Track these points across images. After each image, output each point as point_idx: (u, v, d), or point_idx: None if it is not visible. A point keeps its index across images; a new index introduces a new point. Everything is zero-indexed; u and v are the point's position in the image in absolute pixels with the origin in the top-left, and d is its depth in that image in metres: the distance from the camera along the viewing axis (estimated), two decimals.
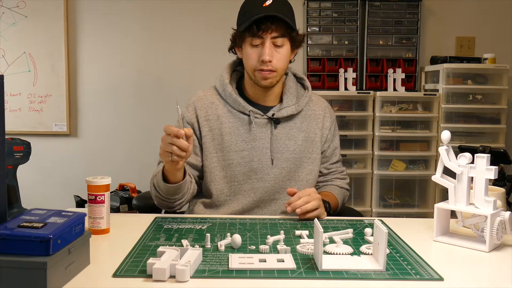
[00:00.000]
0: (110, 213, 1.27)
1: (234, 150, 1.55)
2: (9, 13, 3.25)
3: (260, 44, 1.49)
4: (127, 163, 3.33)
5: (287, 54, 1.53)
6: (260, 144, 1.56)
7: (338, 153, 1.72)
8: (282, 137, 1.58)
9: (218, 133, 1.57)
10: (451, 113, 2.96)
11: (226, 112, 1.58)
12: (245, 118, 1.57)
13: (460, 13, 3.26)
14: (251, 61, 1.52)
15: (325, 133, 1.65)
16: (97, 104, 3.33)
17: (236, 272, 0.98)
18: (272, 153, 1.56)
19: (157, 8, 3.27)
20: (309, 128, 1.62)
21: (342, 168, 1.74)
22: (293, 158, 1.58)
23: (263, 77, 1.51)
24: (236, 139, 1.55)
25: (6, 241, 0.85)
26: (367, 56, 3.18)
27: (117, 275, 0.95)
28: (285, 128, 1.59)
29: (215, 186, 1.56)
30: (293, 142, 1.58)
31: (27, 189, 1.90)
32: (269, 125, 1.57)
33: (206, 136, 1.57)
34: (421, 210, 3.01)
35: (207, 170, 1.57)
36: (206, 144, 1.57)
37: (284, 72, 1.57)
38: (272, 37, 1.48)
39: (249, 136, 1.56)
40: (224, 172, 1.56)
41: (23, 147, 1.31)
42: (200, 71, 3.24)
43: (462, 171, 1.19)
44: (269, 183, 1.56)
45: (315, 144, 1.62)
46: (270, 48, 1.48)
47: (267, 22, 1.46)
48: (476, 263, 1.09)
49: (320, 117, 1.65)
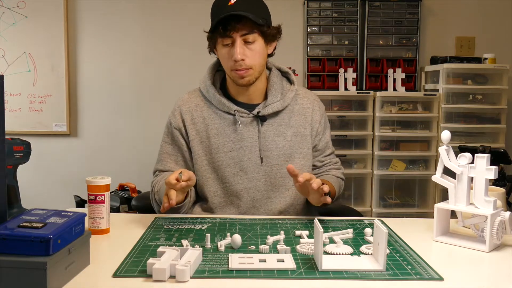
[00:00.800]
0: (110, 213, 1.27)
1: (223, 151, 1.53)
2: (9, 13, 3.25)
3: (231, 43, 1.47)
4: (127, 163, 3.33)
5: (260, 49, 1.50)
6: (248, 143, 1.54)
7: (330, 145, 1.69)
8: (270, 134, 1.55)
9: (205, 136, 1.55)
10: (451, 113, 2.96)
11: (212, 113, 1.56)
12: (230, 118, 1.55)
13: (460, 13, 3.26)
14: (225, 61, 1.51)
15: (315, 126, 1.62)
16: (97, 104, 3.33)
17: (236, 272, 0.97)
18: (261, 151, 1.54)
19: (157, 8, 3.27)
20: (298, 122, 1.59)
21: (336, 159, 1.72)
22: (283, 154, 1.56)
23: (240, 76, 1.49)
24: (223, 140, 1.54)
25: (6, 241, 0.85)
26: (367, 56, 3.18)
27: (117, 275, 0.95)
28: (272, 125, 1.56)
29: (208, 188, 1.55)
30: (282, 138, 1.56)
31: (27, 189, 1.91)
32: (255, 123, 1.55)
33: (194, 140, 1.56)
34: (421, 210, 3.01)
35: (198, 173, 1.56)
36: (194, 148, 1.56)
37: (261, 68, 1.53)
38: (241, 35, 1.46)
39: (236, 136, 1.54)
40: (215, 174, 1.55)
41: (23, 147, 1.31)
42: (200, 71, 3.20)
43: (462, 171, 1.19)
44: (261, 182, 1.54)
45: (305, 139, 1.60)
46: (241, 47, 1.46)
47: (233, 21, 1.44)
48: (476, 263, 1.09)
49: (308, 111, 1.62)
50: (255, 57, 1.49)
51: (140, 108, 3.32)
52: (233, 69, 1.50)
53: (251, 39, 1.47)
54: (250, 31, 1.46)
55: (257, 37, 1.48)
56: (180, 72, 3.29)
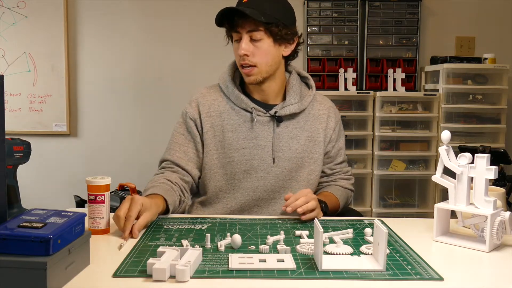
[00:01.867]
0: (110, 213, 1.27)
1: (236, 147, 1.54)
2: (9, 13, 3.25)
3: (239, 38, 1.49)
4: (127, 163, 3.33)
5: (267, 48, 1.49)
6: (262, 142, 1.54)
7: (343, 153, 1.70)
8: (284, 136, 1.56)
9: (220, 130, 1.55)
10: (451, 113, 2.96)
11: (229, 108, 1.57)
12: (247, 115, 1.55)
13: (460, 13, 3.26)
14: (235, 56, 1.54)
15: (329, 133, 1.63)
16: (97, 104, 3.33)
17: (236, 272, 0.97)
18: (273, 151, 1.55)
19: (157, 9, 3.27)
20: (313, 127, 1.60)
21: (347, 168, 1.72)
22: (295, 157, 1.56)
23: (246, 73, 1.51)
24: (237, 136, 1.54)
25: (6, 241, 0.85)
26: (367, 56, 3.18)
27: (117, 275, 0.95)
28: (288, 127, 1.57)
29: (214, 183, 1.55)
30: (296, 141, 1.57)
31: (27, 189, 1.91)
32: (271, 123, 1.56)
33: (207, 133, 1.56)
34: (421, 210, 3.01)
35: (206, 167, 1.56)
36: (207, 141, 1.56)
37: (269, 68, 1.52)
38: (247, 31, 1.47)
39: (251, 134, 1.54)
40: (224, 169, 1.55)
41: (23, 147, 1.31)
42: (200, 71, 3.24)
43: (462, 171, 1.19)
44: (270, 182, 1.55)
45: (318, 144, 1.60)
46: (247, 43, 1.47)
47: (237, 16, 1.46)
48: (476, 263, 1.09)
49: (324, 117, 1.63)
50: (260, 55, 1.49)
51: (140, 108, 3.32)
52: (240, 65, 1.52)
53: (257, 37, 1.47)
54: (255, 28, 1.46)
55: (263, 36, 1.48)
56: (180, 72, 3.28)
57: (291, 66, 1.65)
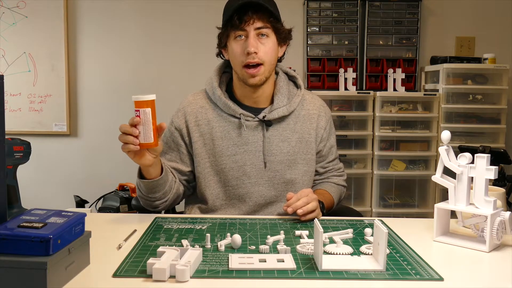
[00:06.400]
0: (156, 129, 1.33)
1: (226, 154, 1.52)
2: (9, 13, 3.25)
3: (245, 36, 1.46)
4: (127, 163, 3.30)
5: (273, 46, 1.49)
6: (253, 147, 1.52)
7: (334, 151, 1.68)
8: (275, 139, 1.54)
9: (209, 138, 1.54)
10: (451, 113, 2.96)
11: (216, 116, 1.55)
12: (235, 121, 1.53)
13: (460, 13, 3.26)
14: (237, 56, 1.48)
15: (320, 132, 1.61)
16: (97, 104, 3.33)
17: (236, 272, 0.97)
18: (265, 156, 1.53)
19: (157, 9, 3.27)
20: (303, 128, 1.58)
21: (339, 165, 1.71)
22: (287, 160, 1.55)
23: (251, 75, 1.47)
24: (227, 143, 1.52)
25: (6, 241, 0.85)
26: (367, 56, 3.18)
27: (117, 275, 0.95)
28: (277, 130, 1.55)
29: (210, 191, 1.55)
30: (287, 144, 1.55)
31: (27, 189, 1.91)
32: (260, 127, 1.53)
33: (197, 142, 1.54)
34: (421, 210, 3.02)
35: (200, 176, 1.55)
36: (197, 150, 1.54)
37: (272, 67, 1.51)
38: (255, 27, 1.45)
39: (241, 139, 1.53)
40: (217, 177, 1.54)
41: (23, 147, 1.31)
42: (199, 72, 3.24)
43: (462, 171, 1.19)
44: (263, 187, 1.54)
45: (310, 145, 1.59)
46: (255, 40, 1.45)
47: (249, 12, 1.44)
48: (476, 263, 1.09)
49: (314, 116, 1.61)
50: (267, 53, 1.47)
51: None
52: (244, 65, 1.47)
53: (265, 33, 1.46)
54: (264, 25, 1.46)
55: (270, 33, 1.48)
56: (179, 72, 3.29)
57: (277, 66, 1.61)
